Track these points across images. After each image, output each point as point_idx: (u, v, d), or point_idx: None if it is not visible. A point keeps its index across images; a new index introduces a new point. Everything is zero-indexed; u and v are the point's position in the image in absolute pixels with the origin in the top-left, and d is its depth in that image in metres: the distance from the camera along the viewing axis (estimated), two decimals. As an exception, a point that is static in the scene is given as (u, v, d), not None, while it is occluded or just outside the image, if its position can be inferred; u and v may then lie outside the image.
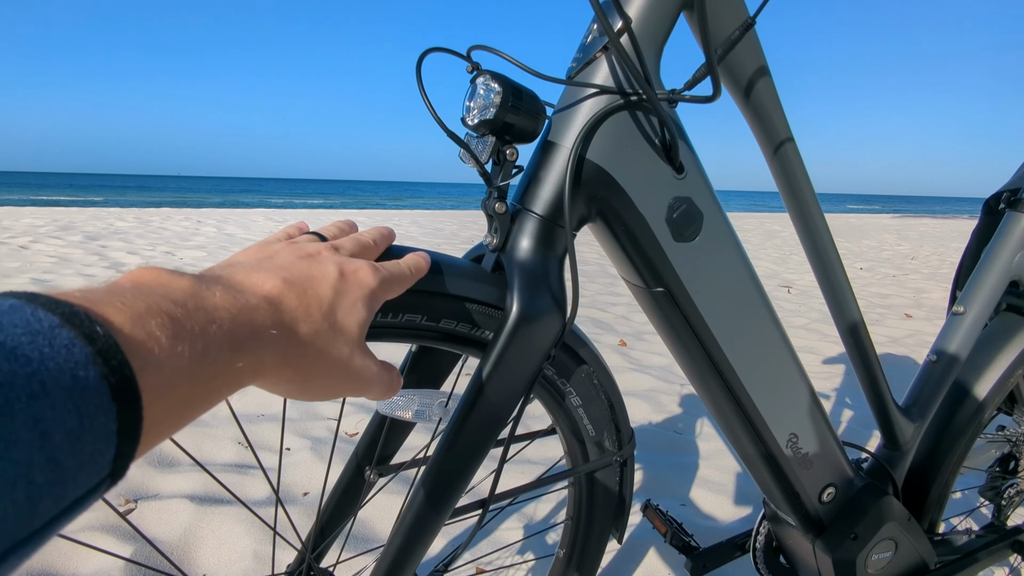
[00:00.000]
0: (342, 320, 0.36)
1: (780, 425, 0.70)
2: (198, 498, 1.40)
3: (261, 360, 0.31)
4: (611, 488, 0.75)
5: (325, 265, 0.38)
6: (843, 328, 0.78)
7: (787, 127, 0.63)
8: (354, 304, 0.37)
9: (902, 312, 4.04)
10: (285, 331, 0.33)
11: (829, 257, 0.73)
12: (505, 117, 0.49)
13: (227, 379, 0.28)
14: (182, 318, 0.25)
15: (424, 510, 0.53)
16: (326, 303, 0.36)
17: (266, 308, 0.32)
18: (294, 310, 0.34)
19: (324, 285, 0.36)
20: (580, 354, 0.63)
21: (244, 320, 0.29)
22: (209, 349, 0.26)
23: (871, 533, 0.78)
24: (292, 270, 0.36)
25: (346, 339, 0.37)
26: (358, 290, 0.38)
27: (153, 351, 0.23)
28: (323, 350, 0.35)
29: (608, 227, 0.56)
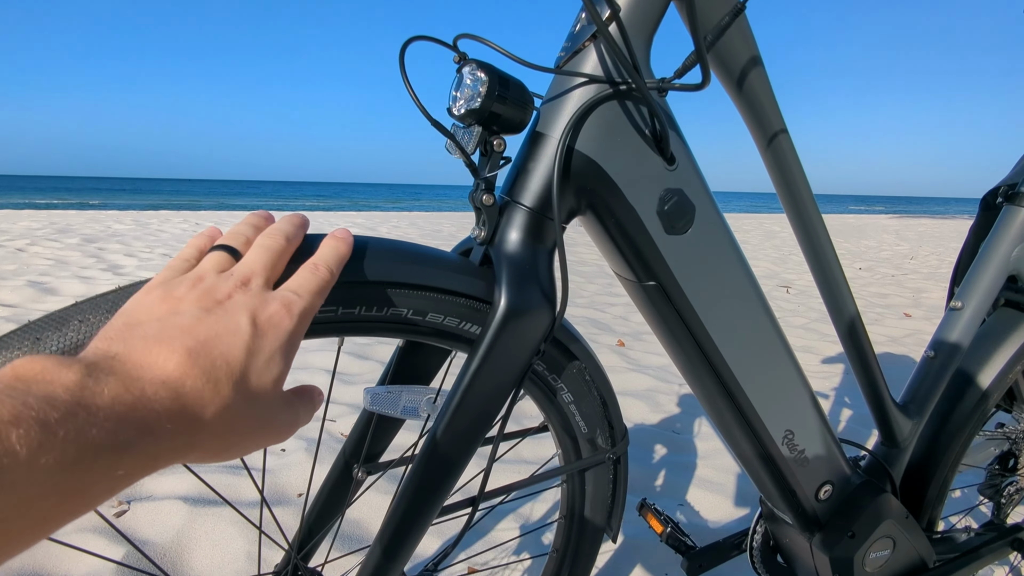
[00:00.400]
0: (256, 384, 0.34)
1: (775, 421, 0.69)
2: (191, 499, 1.39)
3: (154, 456, 0.28)
4: (604, 486, 0.74)
5: (236, 317, 0.34)
6: (839, 323, 0.77)
7: (780, 118, 0.62)
8: (270, 359, 0.34)
9: (901, 312, 4.04)
10: (187, 419, 0.30)
11: (824, 251, 0.72)
12: (491, 107, 0.48)
13: (106, 486, 0.26)
14: (54, 424, 0.23)
15: (411, 508, 0.52)
16: (237, 370, 0.33)
17: (165, 396, 0.29)
18: (199, 392, 0.30)
19: (235, 347, 0.33)
20: (571, 349, 0.62)
21: (136, 418, 0.27)
22: (84, 457, 0.24)
23: (868, 531, 0.77)
24: (197, 333, 0.32)
25: (262, 402, 0.34)
26: (275, 340, 0.35)
27: (4, 464, 0.21)
28: (235, 424, 0.32)
29: (598, 220, 0.55)
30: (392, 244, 0.50)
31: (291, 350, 0.36)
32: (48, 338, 0.38)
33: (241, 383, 0.33)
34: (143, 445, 0.27)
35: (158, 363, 0.30)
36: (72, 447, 0.24)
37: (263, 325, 0.35)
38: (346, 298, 0.46)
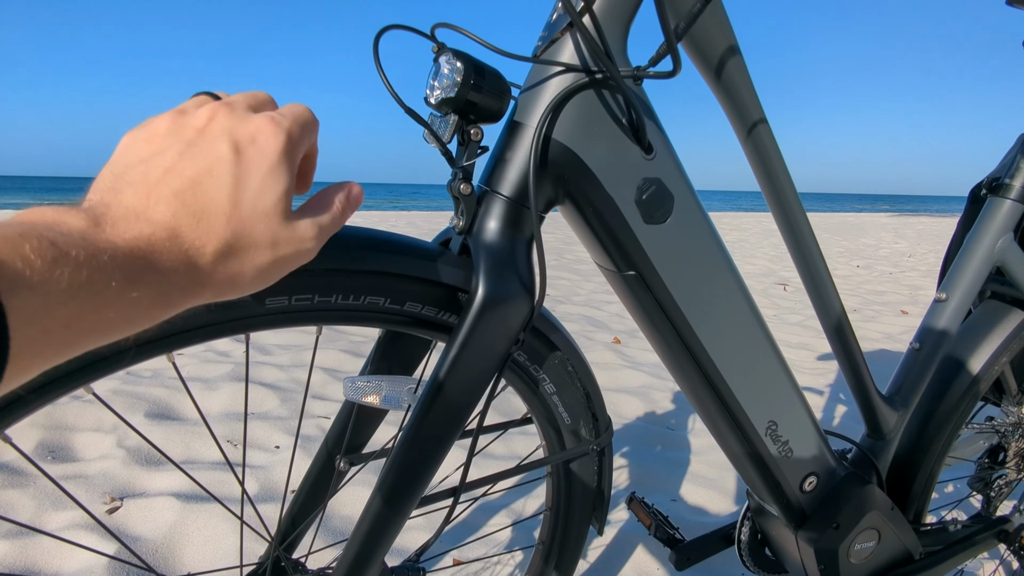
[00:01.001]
0: (252, 211, 0.33)
1: (758, 412, 0.69)
2: (184, 496, 1.39)
3: (165, 293, 0.29)
4: (589, 478, 0.74)
5: (217, 145, 0.33)
6: (824, 316, 0.77)
7: (759, 107, 0.62)
8: (263, 182, 0.33)
9: (898, 309, 4.04)
10: (187, 259, 0.30)
11: (806, 241, 0.72)
12: (467, 95, 0.48)
13: (122, 309, 0.27)
14: (64, 246, 0.24)
15: (389, 500, 0.52)
16: (226, 202, 0.32)
17: (162, 238, 0.29)
18: (194, 233, 0.30)
19: (220, 177, 0.32)
20: (552, 339, 0.63)
21: (139, 255, 0.28)
22: (96, 277, 0.25)
23: (853, 522, 0.77)
24: (181, 172, 0.31)
25: (266, 226, 0.33)
26: (263, 162, 0.33)
27: (23, 272, 0.22)
28: (241, 256, 0.32)
29: (577, 209, 0.55)
30: (369, 232, 0.50)
31: (285, 169, 0.34)
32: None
33: (234, 215, 0.32)
34: (151, 279, 0.28)
35: (148, 208, 0.30)
36: (84, 268, 0.24)
37: (245, 146, 0.33)
38: (322, 286, 0.46)
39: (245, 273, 0.33)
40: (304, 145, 0.37)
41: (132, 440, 1.63)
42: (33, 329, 0.23)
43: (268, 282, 0.35)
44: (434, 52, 0.52)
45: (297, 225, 0.35)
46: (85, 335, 0.26)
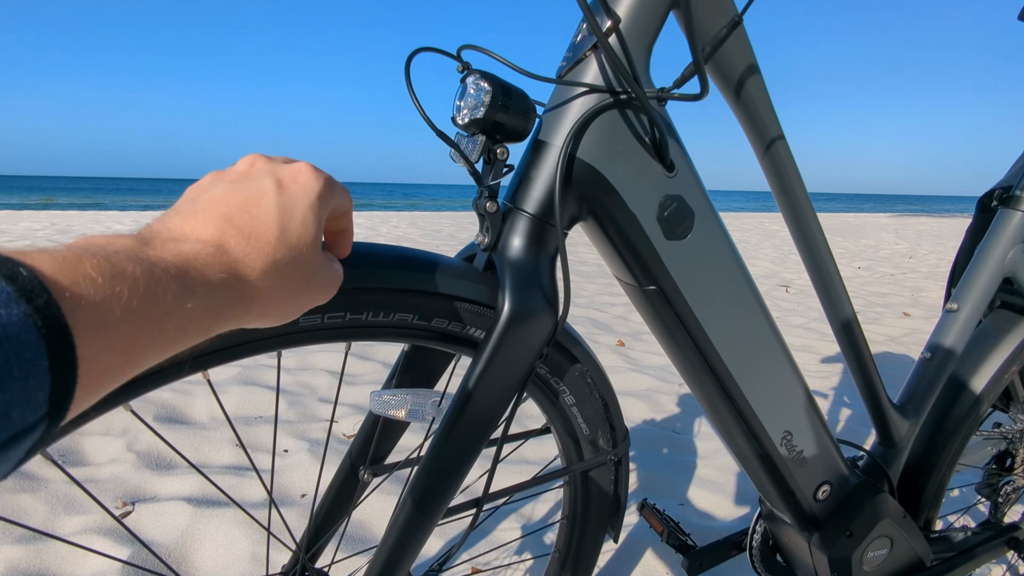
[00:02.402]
0: (296, 239, 0.35)
1: (774, 423, 0.70)
2: (195, 500, 1.40)
3: (217, 306, 0.30)
4: (606, 487, 0.75)
5: (260, 181, 0.35)
6: (837, 326, 0.78)
7: (778, 125, 0.63)
8: (304, 216, 0.35)
9: (900, 311, 4.05)
10: (236, 274, 0.32)
11: (822, 254, 0.73)
12: (495, 116, 0.49)
13: (178, 320, 0.28)
14: (120, 262, 0.25)
15: (417, 510, 0.53)
16: (274, 226, 0.34)
17: (210, 253, 0.31)
18: (243, 248, 0.32)
19: (265, 205, 0.34)
20: (573, 353, 0.64)
21: (190, 269, 0.29)
22: (153, 289, 0.26)
23: (866, 531, 0.78)
24: (228, 201, 0.34)
25: (305, 259, 0.35)
26: (304, 197, 0.36)
27: (86, 291, 0.23)
28: (284, 280, 0.34)
29: (599, 225, 0.56)
30: (398, 251, 0.51)
31: (323, 208, 0.37)
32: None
33: (282, 239, 0.34)
34: (202, 290, 0.29)
35: (196, 230, 0.32)
36: (141, 281, 0.26)
37: (287, 182, 0.36)
38: (354, 304, 0.47)
39: (287, 298, 0.35)
40: (336, 199, 0.39)
41: (142, 444, 1.64)
42: (99, 346, 0.24)
43: (299, 312, 0.38)
44: (459, 72, 0.52)
45: (332, 265, 0.39)
46: (146, 349, 0.27)
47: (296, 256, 0.35)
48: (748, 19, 0.55)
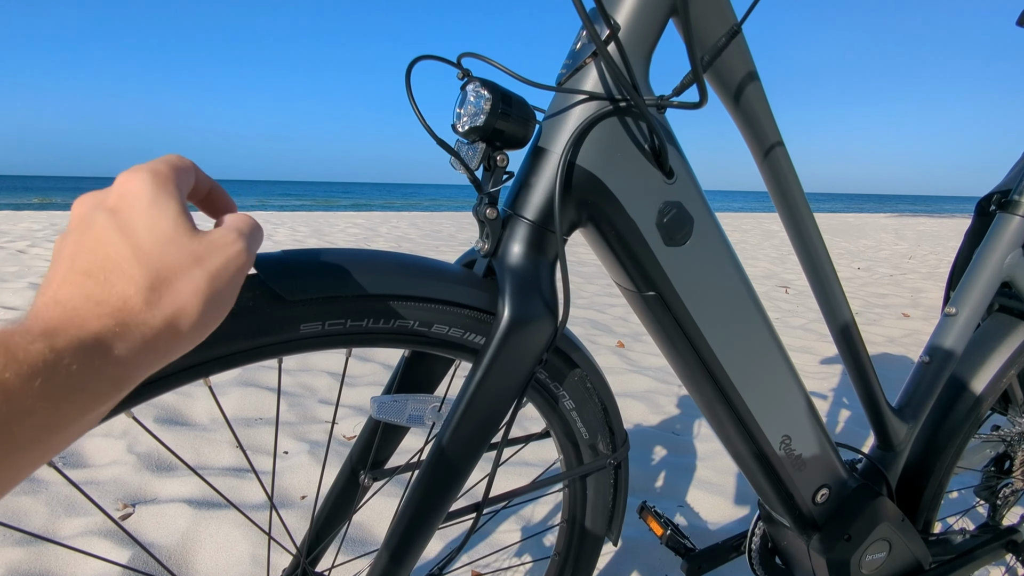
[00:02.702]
0: (154, 240, 0.32)
1: (773, 427, 0.70)
2: (195, 502, 1.40)
3: (120, 357, 0.29)
4: (605, 491, 0.75)
5: (92, 216, 0.33)
6: (835, 330, 0.78)
7: (776, 131, 0.63)
8: (148, 216, 0.33)
9: (899, 312, 4.05)
10: (119, 317, 0.30)
11: (820, 259, 0.73)
12: (495, 123, 0.49)
13: (92, 382, 0.28)
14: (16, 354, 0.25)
15: (418, 514, 0.54)
16: (126, 248, 0.32)
17: (80, 308, 0.29)
18: (109, 289, 0.30)
19: (108, 236, 0.32)
20: (573, 358, 0.64)
21: (68, 333, 0.28)
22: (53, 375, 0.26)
23: (864, 534, 0.78)
24: (77, 253, 0.32)
25: (176, 247, 0.33)
26: (138, 202, 0.33)
27: None
28: (172, 283, 0.32)
29: (599, 232, 0.56)
30: (398, 258, 0.51)
31: (166, 195, 0.34)
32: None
33: (138, 254, 0.32)
34: (94, 350, 0.28)
35: (57, 293, 0.31)
36: (40, 373, 0.26)
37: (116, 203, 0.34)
38: (355, 311, 0.48)
39: (188, 302, 0.32)
40: (180, 174, 0.36)
41: (142, 446, 1.64)
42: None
43: (224, 302, 0.35)
44: (459, 79, 0.53)
45: (210, 234, 0.35)
46: (75, 417, 0.28)
47: (162, 256, 0.32)
48: (746, 22, 0.56)
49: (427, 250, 6.26)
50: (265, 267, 0.44)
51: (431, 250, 6.27)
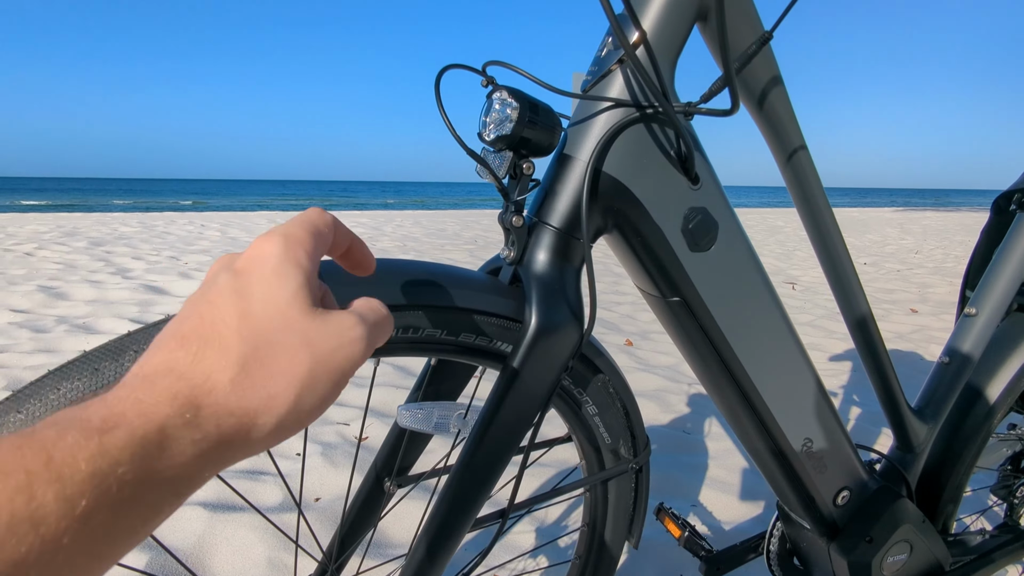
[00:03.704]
0: (265, 309, 0.29)
1: (795, 430, 0.70)
2: (211, 505, 1.41)
3: (194, 459, 0.25)
4: (627, 495, 0.75)
5: (217, 278, 0.30)
6: (854, 329, 0.78)
7: (800, 135, 0.63)
8: (268, 283, 0.29)
9: (907, 307, 4.04)
10: (196, 402, 0.26)
11: (841, 260, 0.73)
12: (522, 132, 0.49)
13: (156, 493, 0.24)
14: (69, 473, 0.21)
15: (447, 520, 0.54)
16: (234, 317, 0.28)
17: (156, 399, 0.25)
18: (197, 365, 0.27)
19: (220, 300, 0.29)
20: (596, 363, 0.64)
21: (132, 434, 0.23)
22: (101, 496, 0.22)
23: (886, 536, 0.78)
24: (182, 319, 0.29)
25: (285, 321, 0.29)
26: (264, 266, 0.30)
27: None
28: (268, 362, 0.28)
29: (624, 238, 0.56)
30: (425, 267, 0.51)
31: (292, 265, 0.30)
32: (105, 368, 0.39)
33: (244, 324, 0.28)
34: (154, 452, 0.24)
35: (141, 372, 0.27)
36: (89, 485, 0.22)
37: (243, 266, 0.30)
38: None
39: (281, 391, 0.28)
40: (315, 239, 0.32)
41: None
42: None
43: (323, 398, 0.30)
44: (484, 87, 0.53)
45: (329, 315, 0.31)
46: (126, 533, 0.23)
47: (268, 328, 0.28)
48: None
49: (433, 249, 6.26)
50: None
51: (437, 249, 6.27)
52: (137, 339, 0.41)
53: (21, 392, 0.38)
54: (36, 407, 0.37)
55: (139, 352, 0.40)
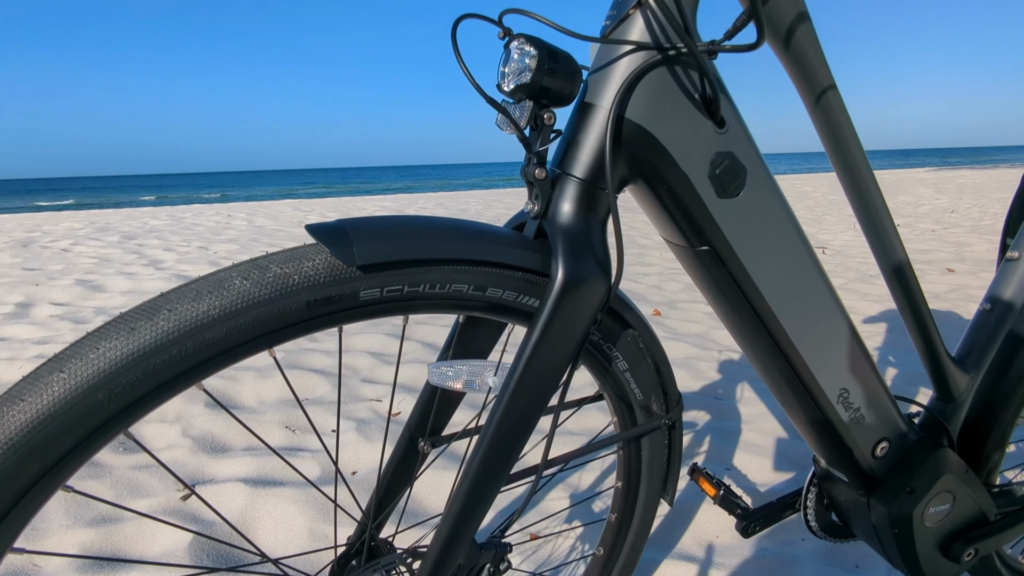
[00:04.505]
0: None
1: (831, 381, 0.69)
2: (252, 481, 1.44)
3: None
4: (660, 452, 0.75)
5: None
6: (890, 275, 0.75)
7: (829, 74, 0.61)
8: None
9: (944, 267, 3.93)
10: None
11: (876, 205, 0.71)
12: (542, 80, 0.49)
13: None
14: None
15: (480, 477, 0.54)
16: None
17: None
18: None
19: None
20: (626, 318, 0.63)
21: None
22: None
23: (927, 486, 0.77)
24: None
25: None
26: None
27: None
28: None
29: (649, 187, 0.55)
30: (451, 222, 0.51)
31: None
32: (141, 328, 0.40)
33: None
34: None
35: None
36: None
37: None
38: (411, 277, 0.48)
39: None
40: None
41: (196, 430, 1.70)
42: None
43: None
44: (501, 38, 0.52)
45: None
46: None
47: None
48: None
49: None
50: (324, 235, 0.44)
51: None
52: (170, 299, 0.41)
53: (63, 353, 0.39)
54: (77, 366, 0.38)
55: (172, 312, 0.41)
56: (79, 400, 0.38)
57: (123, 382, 0.39)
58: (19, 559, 1.17)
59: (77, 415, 0.38)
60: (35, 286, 3.63)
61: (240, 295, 0.42)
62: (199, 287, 0.42)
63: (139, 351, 0.39)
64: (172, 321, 0.40)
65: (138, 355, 0.39)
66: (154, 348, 0.40)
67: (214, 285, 0.42)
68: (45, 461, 0.38)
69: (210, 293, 0.42)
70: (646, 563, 1.18)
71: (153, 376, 0.40)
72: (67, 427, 0.38)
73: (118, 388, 0.39)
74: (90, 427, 0.39)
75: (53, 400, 0.38)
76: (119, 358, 0.39)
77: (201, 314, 0.41)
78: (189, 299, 0.41)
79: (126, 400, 0.40)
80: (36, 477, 0.38)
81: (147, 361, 0.40)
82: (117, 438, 1.63)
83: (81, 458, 0.40)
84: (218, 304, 0.41)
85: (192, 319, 0.41)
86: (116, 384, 0.39)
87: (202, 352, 0.41)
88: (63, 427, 0.38)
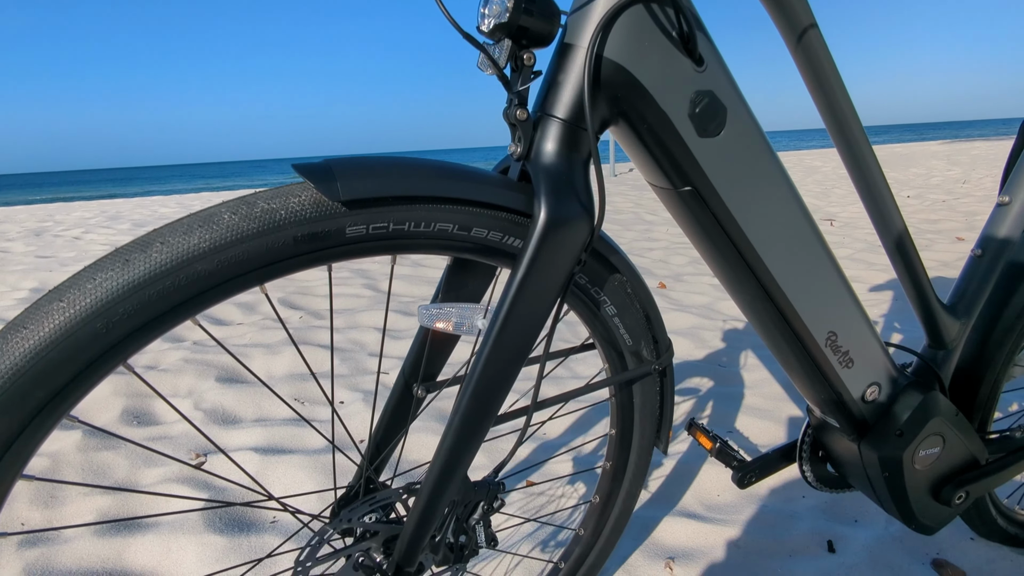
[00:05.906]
0: None
1: (818, 323, 0.70)
2: (262, 449, 1.48)
3: None
4: (652, 398, 0.76)
5: None
6: (878, 220, 0.75)
7: (809, 12, 0.61)
8: None
9: (953, 236, 3.90)
10: None
11: (861, 149, 0.71)
12: (519, 20, 0.49)
13: None
14: None
15: (468, 420, 0.56)
16: None
17: None
18: None
19: None
20: (611, 261, 0.64)
21: None
22: None
23: (917, 429, 0.78)
24: None
25: None
26: None
27: None
28: None
29: (631, 127, 0.56)
30: (436, 163, 0.52)
31: None
32: (135, 260, 0.42)
33: None
34: None
35: None
36: None
37: None
38: (396, 215, 0.49)
39: None
40: None
41: (207, 403, 1.73)
42: None
43: None
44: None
45: None
46: None
47: None
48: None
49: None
50: (309, 172, 0.46)
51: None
52: (163, 233, 0.43)
53: (62, 284, 0.41)
54: (75, 295, 0.40)
55: (164, 244, 0.42)
56: (79, 328, 0.40)
57: (120, 311, 0.41)
58: (31, 541, 1.21)
59: (78, 342, 0.40)
60: (48, 272, 3.69)
61: (229, 229, 0.44)
62: (190, 222, 0.44)
63: (134, 281, 0.41)
64: (164, 253, 0.42)
65: (133, 285, 0.41)
66: (148, 279, 0.42)
67: (204, 220, 0.44)
68: (50, 388, 0.40)
69: (200, 227, 0.43)
70: (648, 520, 1.21)
71: (149, 306, 0.42)
72: (69, 354, 0.40)
73: (115, 317, 0.41)
74: (91, 355, 0.41)
75: (54, 328, 0.40)
76: (115, 288, 0.41)
77: (192, 247, 0.43)
78: (180, 233, 0.43)
79: (124, 330, 0.42)
80: (42, 403, 0.40)
81: (142, 291, 0.41)
82: (130, 412, 1.67)
83: (84, 387, 0.42)
84: (208, 237, 0.43)
85: (183, 251, 0.42)
86: (113, 313, 0.41)
87: (195, 284, 0.43)
88: (65, 354, 0.40)
